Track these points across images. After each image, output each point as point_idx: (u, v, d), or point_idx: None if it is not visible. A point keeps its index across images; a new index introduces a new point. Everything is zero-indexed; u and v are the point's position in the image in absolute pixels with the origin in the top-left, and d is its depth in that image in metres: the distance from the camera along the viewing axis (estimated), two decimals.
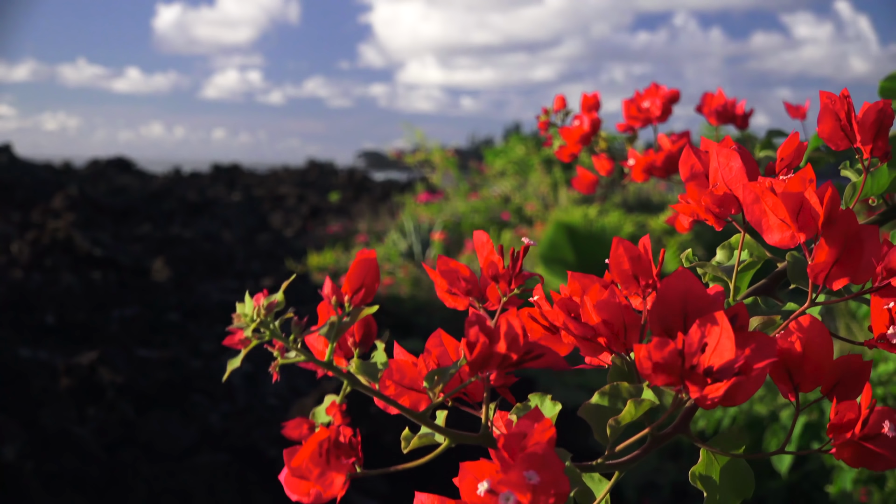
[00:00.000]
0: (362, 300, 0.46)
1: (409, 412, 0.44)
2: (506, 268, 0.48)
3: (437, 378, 0.42)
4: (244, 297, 0.45)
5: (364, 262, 0.47)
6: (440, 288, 0.50)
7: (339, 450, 0.42)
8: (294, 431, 0.43)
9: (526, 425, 0.37)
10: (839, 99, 0.53)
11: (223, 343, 0.42)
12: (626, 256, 0.46)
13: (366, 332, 0.49)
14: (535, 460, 0.35)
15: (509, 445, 0.36)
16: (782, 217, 0.46)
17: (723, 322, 0.39)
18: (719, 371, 0.39)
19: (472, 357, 0.41)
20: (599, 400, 0.45)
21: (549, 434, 0.37)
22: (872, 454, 0.44)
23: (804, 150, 0.54)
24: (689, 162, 0.53)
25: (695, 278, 0.43)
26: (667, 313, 0.42)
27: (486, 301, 0.49)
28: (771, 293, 0.55)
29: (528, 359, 0.43)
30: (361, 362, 0.47)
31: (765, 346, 0.40)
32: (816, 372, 0.45)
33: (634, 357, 0.40)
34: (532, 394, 0.47)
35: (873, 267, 0.45)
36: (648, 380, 0.40)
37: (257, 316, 0.42)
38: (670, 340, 0.40)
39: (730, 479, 0.46)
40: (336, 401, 0.44)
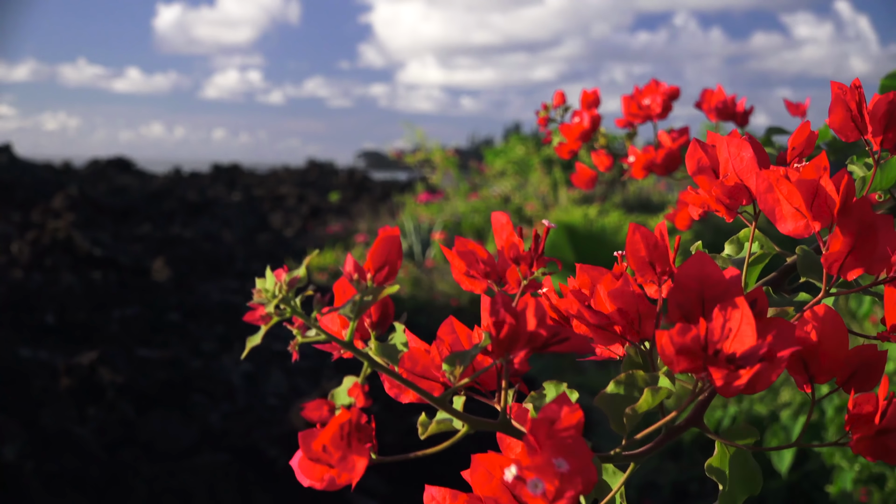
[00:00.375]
0: (385, 279, 0.45)
1: (429, 396, 0.43)
2: (527, 250, 0.47)
3: (459, 361, 0.41)
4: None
5: (388, 240, 0.46)
6: (457, 270, 0.49)
7: (361, 432, 0.41)
8: (314, 413, 0.42)
9: (553, 410, 0.36)
10: (850, 89, 0.53)
11: (244, 319, 0.41)
12: (643, 243, 0.45)
13: (383, 313, 0.48)
14: (565, 447, 0.35)
15: (537, 431, 0.35)
16: (797, 205, 0.45)
17: (743, 308, 0.39)
18: (742, 358, 0.38)
19: (501, 336, 0.40)
20: (615, 389, 0.44)
21: (577, 418, 0.36)
22: (889, 449, 0.43)
23: (815, 138, 0.53)
24: (696, 156, 0.53)
25: (712, 262, 0.42)
26: (685, 299, 0.42)
27: (505, 284, 0.48)
28: (780, 287, 0.54)
29: (556, 341, 0.41)
30: (380, 344, 0.46)
31: (786, 333, 0.40)
32: (832, 362, 0.44)
33: (656, 344, 0.39)
34: (546, 382, 0.46)
35: (888, 257, 0.44)
36: (670, 366, 0.39)
37: (279, 292, 0.41)
38: (692, 326, 0.39)
39: (739, 472, 0.46)
40: (358, 381, 0.43)
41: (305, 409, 0.42)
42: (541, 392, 0.45)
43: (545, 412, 0.36)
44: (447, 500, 0.43)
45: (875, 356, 0.45)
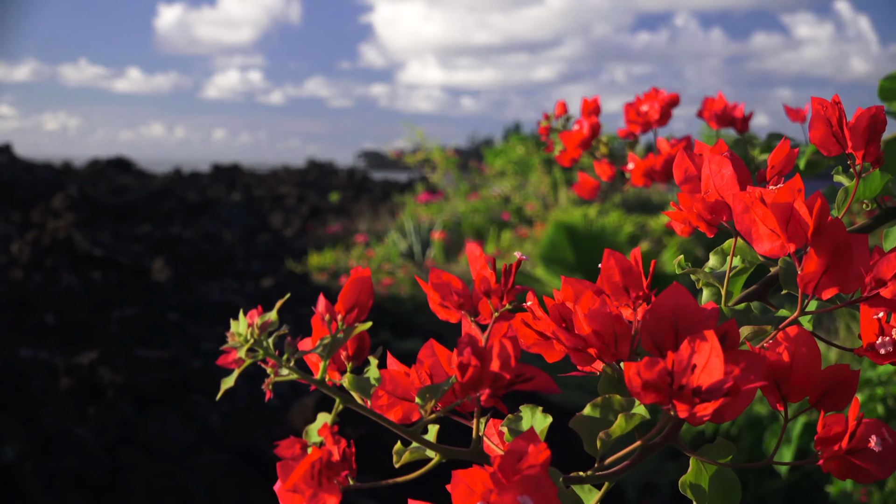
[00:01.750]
0: (356, 318, 0.47)
1: (399, 428, 0.44)
2: (497, 283, 0.48)
3: (429, 395, 0.43)
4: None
5: (357, 282, 0.47)
6: (433, 301, 0.49)
7: (331, 471, 0.42)
8: (287, 451, 0.44)
9: (521, 446, 0.37)
10: (830, 105, 0.54)
11: (216, 363, 0.43)
12: (617, 269, 0.47)
13: (359, 346, 0.49)
14: (530, 484, 0.35)
15: (504, 467, 0.36)
16: (772, 227, 0.46)
17: (712, 341, 0.39)
18: (708, 391, 0.39)
19: (464, 379, 0.42)
20: (591, 412, 0.45)
21: (543, 456, 0.37)
22: (858, 468, 0.44)
23: (794, 156, 0.54)
24: (683, 166, 0.53)
25: (687, 294, 0.43)
26: (658, 329, 0.43)
27: (479, 315, 0.49)
28: (763, 298, 0.55)
29: (520, 381, 0.43)
30: (354, 377, 0.47)
31: (755, 366, 0.40)
32: (804, 383, 0.45)
33: (624, 374, 0.40)
34: (523, 405, 0.47)
35: (862, 276, 0.45)
36: (637, 398, 0.40)
37: (251, 336, 0.42)
38: (660, 360, 0.40)
39: (718, 487, 0.47)
40: (328, 422, 0.44)
41: (279, 447, 0.44)
42: (517, 415, 0.46)
43: (513, 447, 0.37)
44: None
45: (847, 376, 0.46)
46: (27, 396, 3.24)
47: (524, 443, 0.37)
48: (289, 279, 6.68)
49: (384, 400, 0.45)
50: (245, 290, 6.09)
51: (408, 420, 0.46)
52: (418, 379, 0.45)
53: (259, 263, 7.50)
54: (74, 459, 2.86)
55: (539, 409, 0.46)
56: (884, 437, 0.44)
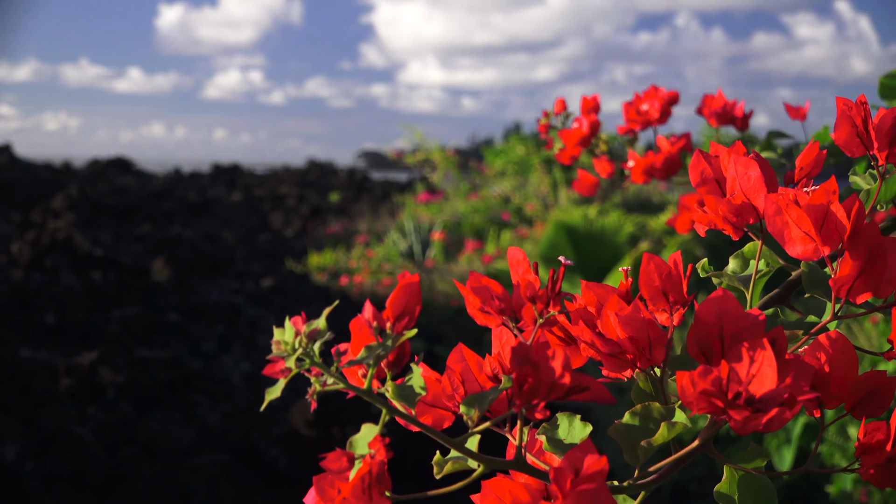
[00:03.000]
0: (405, 326, 0.45)
1: (444, 438, 0.42)
2: (543, 288, 0.47)
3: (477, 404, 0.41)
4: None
5: (407, 287, 0.46)
6: (472, 305, 0.48)
7: (381, 484, 0.41)
8: (334, 464, 0.42)
9: (577, 459, 0.36)
10: (856, 105, 0.53)
11: (263, 372, 0.41)
12: (657, 273, 0.46)
13: (399, 354, 0.47)
14: (588, 497, 0.35)
15: (560, 480, 0.35)
16: (807, 230, 0.45)
17: (767, 350, 0.39)
18: (761, 401, 0.38)
19: (525, 390, 0.40)
20: (630, 420, 0.44)
21: (601, 466, 0.36)
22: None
23: (823, 158, 0.53)
24: (700, 167, 0.52)
25: (733, 299, 0.42)
26: (704, 335, 0.42)
27: (520, 321, 0.48)
28: (785, 302, 0.54)
29: (577, 391, 0.41)
30: (396, 386, 0.46)
31: (804, 374, 0.40)
32: (842, 389, 0.44)
33: (676, 384, 0.39)
34: (560, 413, 0.46)
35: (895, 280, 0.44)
36: (689, 406, 0.39)
37: (299, 345, 0.41)
38: (714, 369, 0.39)
39: (750, 494, 0.46)
40: (378, 433, 0.43)
41: (325, 460, 0.42)
42: (553, 423, 0.45)
43: (569, 460, 0.36)
44: None
45: (884, 383, 0.45)
46: (27, 396, 3.23)
47: (581, 455, 0.36)
48: (289, 279, 6.68)
49: (416, 408, 0.44)
50: (245, 290, 6.08)
51: (438, 427, 0.44)
52: (450, 386, 0.44)
53: (259, 263, 7.50)
54: (74, 459, 2.86)
55: (577, 417, 0.45)
56: None
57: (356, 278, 6.46)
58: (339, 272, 6.86)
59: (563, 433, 0.44)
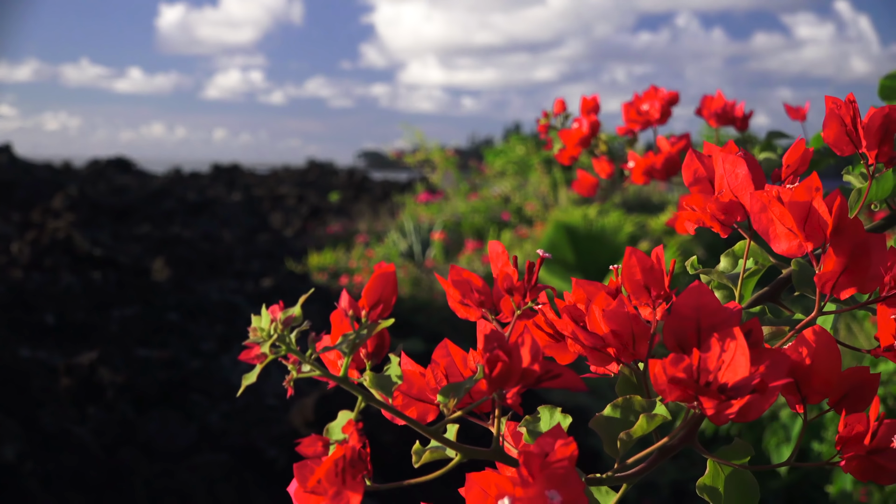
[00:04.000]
0: (380, 314, 0.46)
1: (421, 427, 0.43)
2: (520, 280, 0.47)
3: (452, 394, 0.42)
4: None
5: (382, 276, 0.47)
6: (452, 298, 0.49)
7: (355, 469, 0.41)
8: (309, 449, 0.43)
9: (547, 443, 0.37)
10: (845, 104, 0.53)
11: (239, 358, 0.42)
12: (639, 267, 0.46)
13: (378, 344, 0.48)
14: (558, 478, 0.35)
15: (530, 463, 0.36)
16: (790, 226, 0.45)
17: (739, 338, 0.39)
18: (734, 388, 0.39)
19: (493, 374, 0.41)
20: (612, 412, 0.44)
21: (570, 451, 0.36)
22: (880, 468, 0.43)
23: (810, 156, 0.53)
24: (693, 167, 0.53)
25: (710, 292, 0.43)
26: (681, 327, 0.42)
27: (500, 313, 0.49)
28: (775, 300, 0.54)
29: (548, 377, 0.42)
30: (375, 375, 0.46)
31: (779, 364, 0.40)
32: (824, 384, 0.45)
33: (649, 372, 0.40)
34: (541, 406, 0.46)
35: (881, 276, 0.44)
36: (662, 395, 0.40)
37: (274, 331, 0.41)
38: (685, 356, 0.39)
39: (735, 489, 0.46)
40: (352, 418, 0.44)
41: (301, 445, 0.43)
42: (535, 416, 0.46)
43: (539, 444, 0.37)
44: None
45: (867, 378, 0.45)
46: (27, 396, 3.23)
47: (551, 439, 0.37)
48: (289, 279, 6.68)
49: (399, 400, 0.45)
50: (245, 290, 6.08)
51: (423, 420, 0.45)
52: (434, 379, 0.45)
53: (259, 263, 7.50)
54: (74, 459, 2.86)
55: (558, 409, 0.45)
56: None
57: (356, 278, 6.46)
58: (339, 272, 6.86)
59: (545, 426, 0.45)
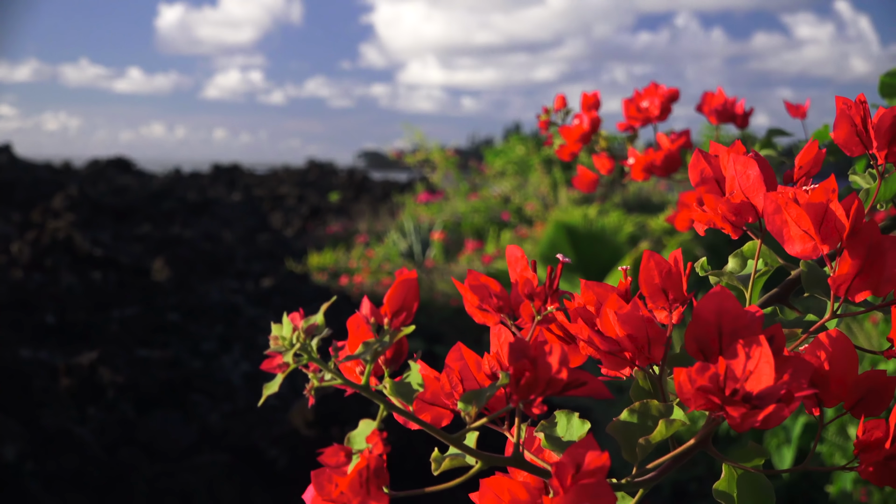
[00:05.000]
0: (402, 322, 0.45)
1: (442, 435, 0.43)
2: (541, 285, 0.47)
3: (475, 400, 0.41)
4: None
5: (405, 283, 0.46)
6: (470, 303, 0.48)
7: (379, 479, 0.41)
8: (331, 459, 0.42)
9: (579, 454, 0.36)
10: (855, 104, 0.53)
11: (261, 367, 0.41)
12: (657, 270, 0.46)
13: (397, 351, 0.47)
14: (590, 492, 0.35)
15: (562, 475, 0.36)
16: (805, 228, 0.45)
17: (764, 346, 0.39)
18: (759, 397, 0.38)
19: (522, 384, 0.40)
20: (629, 417, 0.44)
21: (602, 462, 0.36)
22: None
23: (822, 157, 0.53)
24: (699, 166, 0.52)
25: (731, 296, 0.42)
26: (703, 333, 0.42)
27: (518, 318, 0.48)
28: (785, 301, 0.54)
29: (574, 386, 0.42)
30: (394, 383, 0.46)
31: (802, 371, 0.40)
32: (841, 388, 0.44)
33: (674, 380, 0.39)
34: (557, 411, 0.46)
35: (895, 279, 0.44)
36: (686, 403, 0.39)
37: (297, 340, 0.41)
38: (711, 365, 0.39)
39: (749, 492, 0.46)
40: (377, 428, 0.43)
41: (323, 455, 0.42)
42: (552, 420, 0.45)
43: (571, 455, 0.36)
44: None
45: (884, 382, 0.45)
46: (27, 396, 3.23)
47: (582, 451, 0.36)
48: (289, 279, 6.67)
49: (414, 405, 0.44)
50: (245, 290, 6.08)
51: (437, 425, 0.44)
52: (448, 384, 0.44)
53: (259, 263, 7.50)
54: (74, 459, 2.86)
55: (575, 414, 0.45)
56: None
57: (356, 278, 6.46)
58: (339, 272, 6.86)
59: (562, 431, 0.45)
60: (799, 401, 0.39)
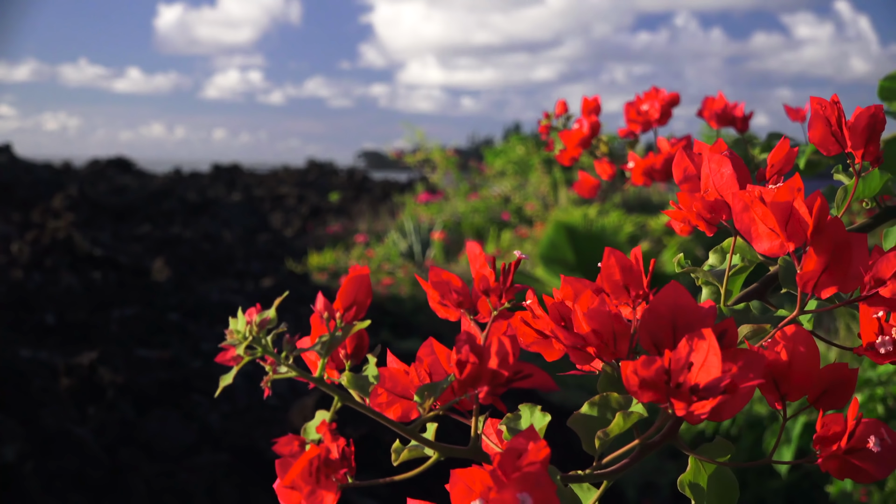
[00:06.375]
0: (354, 316, 0.47)
1: (397, 426, 0.44)
2: (497, 282, 0.48)
3: (428, 393, 0.43)
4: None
5: (356, 280, 0.48)
6: (432, 299, 0.50)
7: (328, 468, 0.42)
8: (285, 448, 0.44)
9: (520, 444, 0.37)
10: (829, 104, 0.53)
11: (215, 360, 0.43)
12: (618, 267, 0.47)
13: (357, 345, 0.49)
14: (530, 481, 0.35)
15: (504, 464, 0.36)
16: (771, 226, 0.46)
17: (710, 339, 0.39)
18: (705, 389, 0.39)
19: (462, 376, 0.42)
20: (589, 410, 0.45)
21: (543, 454, 0.37)
22: (857, 468, 0.44)
23: (794, 155, 0.54)
24: (683, 165, 0.53)
25: (686, 292, 0.43)
26: (656, 327, 0.43)
27: (478, 313, 0.49)
28: (762, 297, 0.55)
29: (518, 378, 0.43)
30: (353, 376, 0.47)
31: (753, 364, 0.40)
32: (803, 382, 0.45)
33: (621, 372, 0.41)
34: (522, 404, 0.47)
35: (861, 276, 0.45)
36: (635, 396, 0.40)
37: (249, 333, 0.42)
38: (657, 358, 0.40)
39: (716, 487, 0.47)
40: (326, 419, 0.44)
41: (277, 444, 0.44)
42: (516, 414, 0.46)
43: (513, 444, 0.37)
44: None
45: (846, 375, 0.46)
46: (27, 396, 3.23)
47: (524, 440, 0.37)
48: (289, 279, 6.68)
49: (383, 398, 0.45)
50: (245, 290, 6.08)
51: (406, 418, 0.45)
52: (417, 377, 0.45)
53: (259, 263, 7.50)
54: (74, 459, 2.86)
55: (538, 407, 0.46)
56: (882, 437, 0.44)
57: None
58: (339, 272, 6.86)
59: (525, 423, 0.46)
60: (749, 392, 0.39)
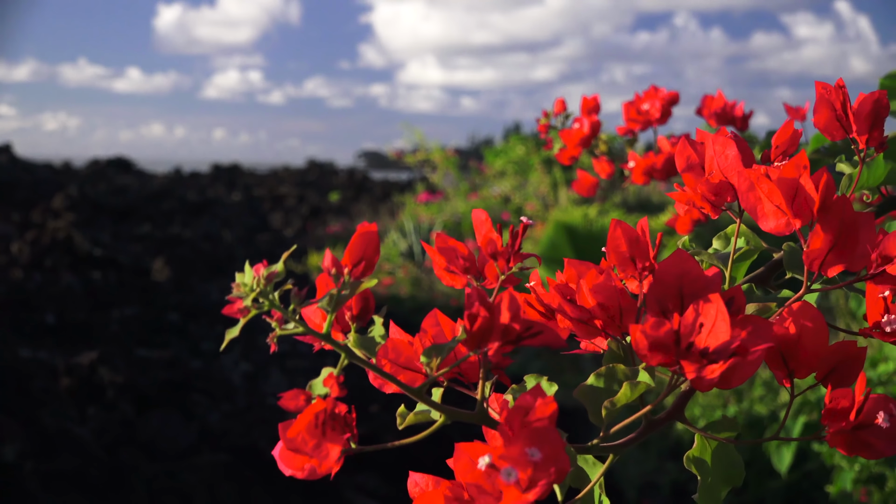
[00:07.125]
0: (362, 273, 0.46)
1: (405, 387, 0.44)
2: (504, 245, 0.48)
3: (435, 353, 0.42)
4: None
5: (365, 235, 0.47)
6: (438, 265, 0.49)
7: (335, 421, 0.42)
8: (291, 402, 0.43)
9: (528, 401, 0.37)
10: (835, 89, 0.53)
11: (222, 312, 0.42)
12: (624, 238, 0.46)
13: (363, 307, 0.48)
14: (538, 436, 0.35)
15: (511, 421, 0.36)
16: (777, 203, 0.45)
17: (718, 303, 0.39)
18: (715, 352, 0.39)
19: (474, 329, 0.41)
20: (595, 381, 0.45)
21: (551, 409, 0.37)
22: (865, 443, 0.43)
23: (799, 136, 0.54)
24: (685, 153, 0.53)
25: (692, 259, 0.43)
26: (663, 295, 0.42)
27: (484, 279, 0.49)
28: (766, 283, 0.55)
29: (529, 335, 0.42)
30: (359, 336, 0.47)
31: (762, 330, 0.40)
32: (811, 358, 0.45)
33: (630, 338, 0.40)
34: (527, 375, 0.47)
35: (868, 254, 0.44)
36: (644, 360, 0.40)
37: (257, 286, 0.42)
38: (666, 321, 0.40)
39: (720, 465, 0.46)
40: (333, 372, 0.44)
41: (283, 399, 0.43)
42: (522, 385, 0.46)
43: (520, 402, 0.37)
44: (430, 486, 0.44)
45: (854, 352, 0.45)
46: (27, 396, 3.23)
47: (531, 398, 0.37)
48: (289, 279, 6.67)
49: (387, 368, 0.45)
50: None
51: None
52: (421, 347, 0.45)
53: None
54: (74, 459, 2.86)
55: (544, 377, 0.45)
56: (892, 412, 0.43)
57: None
58: None
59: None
60: (758, 357, 0.39)
